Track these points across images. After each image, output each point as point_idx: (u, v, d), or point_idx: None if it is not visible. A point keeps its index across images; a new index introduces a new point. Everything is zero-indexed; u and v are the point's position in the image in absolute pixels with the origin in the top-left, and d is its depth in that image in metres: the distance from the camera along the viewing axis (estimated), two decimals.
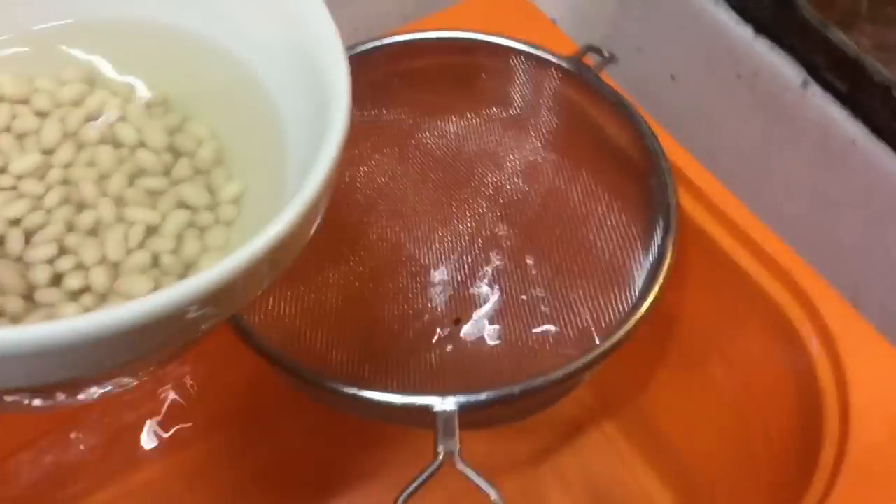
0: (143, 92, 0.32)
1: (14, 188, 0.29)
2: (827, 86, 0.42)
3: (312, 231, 0.27)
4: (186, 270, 0.28)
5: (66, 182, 0.30)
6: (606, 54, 0.42)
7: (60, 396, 0.28)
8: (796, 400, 0.36)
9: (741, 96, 0.47)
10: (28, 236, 0.28)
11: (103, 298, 0.28)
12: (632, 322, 0.34)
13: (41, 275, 0.27)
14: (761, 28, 0.44)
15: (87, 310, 0.27)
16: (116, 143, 0.31)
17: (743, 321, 0.38)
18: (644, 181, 0.39)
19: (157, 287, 0.28)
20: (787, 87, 0.44)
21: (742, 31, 0.45)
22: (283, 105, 0.31)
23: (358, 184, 0.44)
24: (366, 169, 0.44)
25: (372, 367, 0.39)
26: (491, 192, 0.44)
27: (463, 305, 0.43)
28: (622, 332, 0.34)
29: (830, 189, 0.45)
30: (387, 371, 0.39)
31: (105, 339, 0.22)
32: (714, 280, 0.39)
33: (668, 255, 0.35)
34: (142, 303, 0.22)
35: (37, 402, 0.27)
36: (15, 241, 0.28)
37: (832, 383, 0.33)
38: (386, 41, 0.42)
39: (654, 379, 0.46)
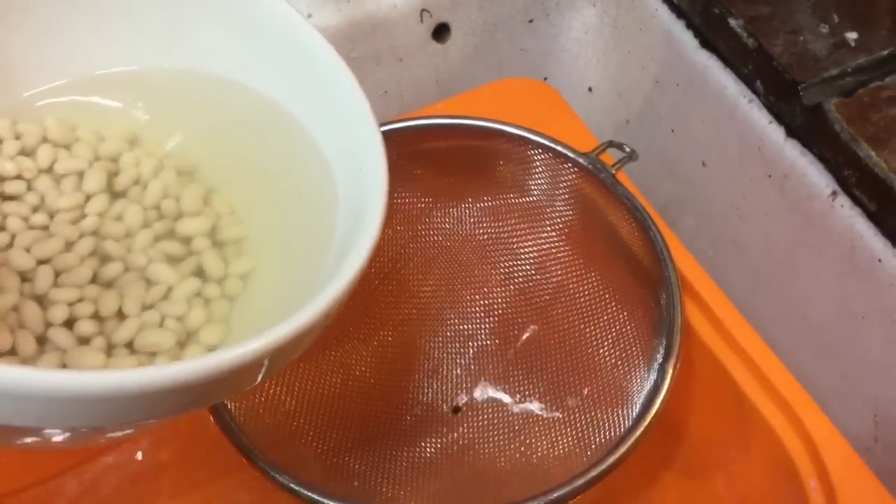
0: (179, 154, 0.33)
1: (46, 227, 0.30)
2: (856, 200, 0.40)
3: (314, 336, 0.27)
4: (187, 337, 0.29)
5: (95, 232, 0.30)
6: (627, 150, 0.41)
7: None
8: None
9: (770, 195, 0.45)
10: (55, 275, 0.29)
11: (111, 350, 0.28)
12: (623, 449, 0.33)
13: (59, 314, 0.28)
14: (792, 132, 0.42)
15: (102, 361, 0.28)
16: (146, 204, 0.31)
17: (745, 445, 0.37)
18: (653, 291, 0.38)
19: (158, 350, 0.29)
20: (815, 195, 0.42)
21: (773, 132, 0.43)
22: (340, 187, 0.31)
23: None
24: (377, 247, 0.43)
25: (357, 458, 0.38)
26: (502, 278, 0.43)
27: (462, 394, 0.42)
28: (610, 460, 0.33)
29: (855, 302, 0.43)
30: (374, 463, 0.38)
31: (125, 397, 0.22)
32: (717, 398, 0.38)
33: (667, 381, 0.34)
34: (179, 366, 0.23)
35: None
36: (45, 279, 0.28)
37: None
38: (402, 125, 0.41)
39: (661, 479, 0.45)
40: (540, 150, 0.41)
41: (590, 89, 0.59)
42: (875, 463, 0.46)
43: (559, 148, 0.40)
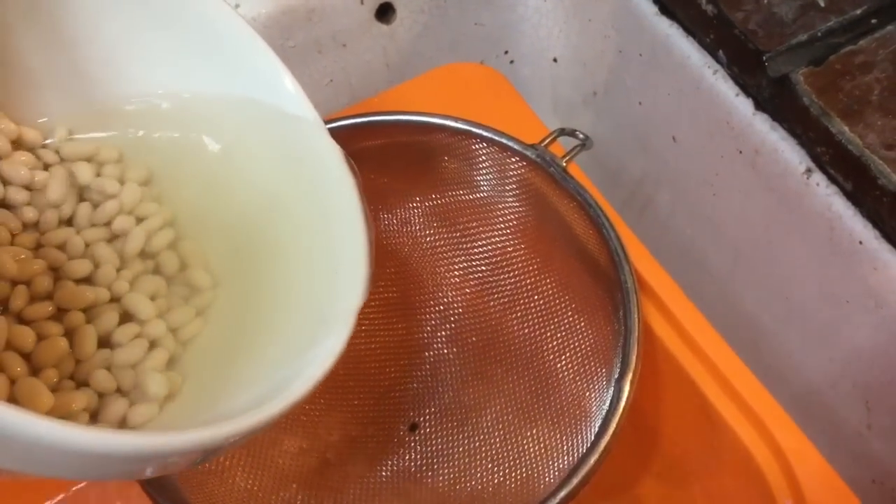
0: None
1: (35, 249, 0.29)
2: (832, 179, 0.37)
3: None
4: (133, 388, 0.28)
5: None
6: (581, 137, 0.37)
7: None
8: None
9: (743, 173, 0.42)
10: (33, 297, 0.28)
11: (56, 385, 0.27)
12: (578, 476, 0.30)
13: (26, 339, 0.27)
14: (760, 106, 0.39)
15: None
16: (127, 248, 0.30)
17: (717, 457, 0.34)
18: (611, 294, 0.34)
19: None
20: (789, 172, 0.39)
21: (741, 105, 0.40)
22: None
23: None
24: None
25: (301, 490, 0.36)
26: (456, 282, 0.40)
27: (420, 409, 0.39)
28: (567, 488, 0.30)
29: (838, 285, 0.39)
30: (320, 496, 0.36)
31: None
32: (684, 406, 0.35)
33: (624, 399, 0.31)
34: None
35: None
36: (19, 299, 0.27)
37: None
38: (338, 123, 0.38)
39: (643, 482, 0.42)
40: (485, 144, 0.37)
41: (555, 60, 0.55)
42: (869, 449, 0.43)
43: (504, 140, 0.37)
